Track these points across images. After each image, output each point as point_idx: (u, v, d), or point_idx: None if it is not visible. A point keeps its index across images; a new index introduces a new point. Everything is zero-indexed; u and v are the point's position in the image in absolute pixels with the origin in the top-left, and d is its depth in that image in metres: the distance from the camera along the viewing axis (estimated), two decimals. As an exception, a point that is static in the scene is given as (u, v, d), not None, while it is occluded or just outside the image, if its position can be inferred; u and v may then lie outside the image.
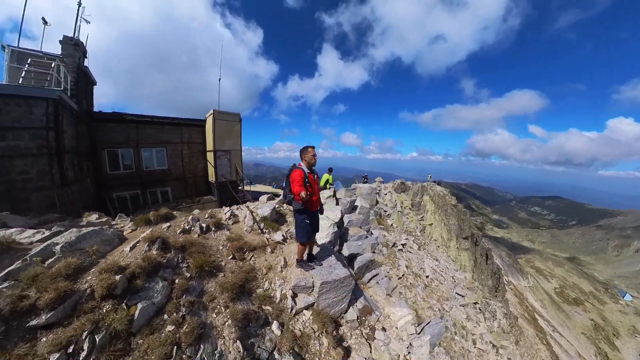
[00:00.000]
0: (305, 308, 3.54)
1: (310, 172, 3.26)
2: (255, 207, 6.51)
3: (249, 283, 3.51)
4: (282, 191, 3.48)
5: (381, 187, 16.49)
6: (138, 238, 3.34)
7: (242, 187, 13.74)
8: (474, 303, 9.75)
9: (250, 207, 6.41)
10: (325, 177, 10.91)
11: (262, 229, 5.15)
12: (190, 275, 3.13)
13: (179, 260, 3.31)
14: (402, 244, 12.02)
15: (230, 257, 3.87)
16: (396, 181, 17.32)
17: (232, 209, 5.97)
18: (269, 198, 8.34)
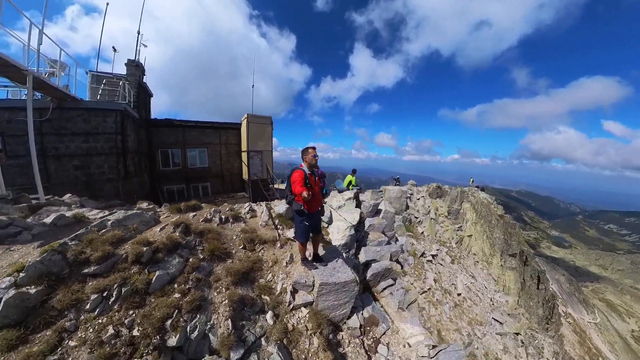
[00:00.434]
0: (303, 305, 3.58)
1: (311, 172, 3.30)
2: (274, 204, 7.07)
3: (254, 272, 3.77)
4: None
5: (413, 191, 15.61)
6: (168, 222, 4.16)
7: (272, 185, 14.76)
8: (515, 333, 8.54)
9: (268, 204, 7.00)
10: (349, 178, 10.91)
11: (276, 225, 5.55)
12: (202, 257, 3.67)
13: (196, 243, 3.96)
14: (433, 254, 11.25)
15: (241, 246, 4.24)
16: (431, 185, 16.18)
17: (251, 205, 6.60)
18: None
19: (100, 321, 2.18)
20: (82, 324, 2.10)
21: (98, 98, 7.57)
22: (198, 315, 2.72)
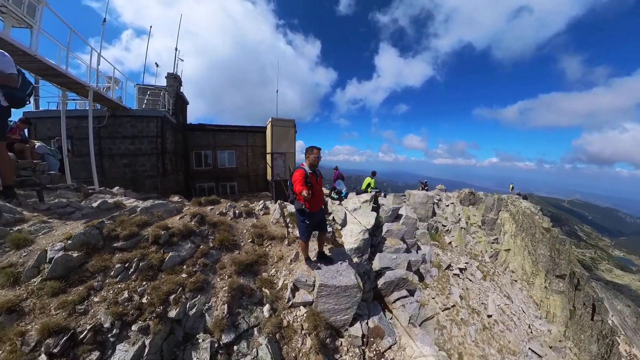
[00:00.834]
0: (302, 304, 3.62)
1: (312, 172, 3.40)
2: (288, 203, 7.43)
3: (258, 265, 3.97)
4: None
5: (442, 196, 14.67)
6: (187, 212, 4.78)
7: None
8: (558, 369, 7.49)
9: (282, 203, 7.40)
10: (367, 180, 10.71)
11: (287, 223, 5.81)
12: (212, 246, 4.05)
13: (209, 232, 4.44)
14: (460, 268, 10.44)
15: (250, 240, 4.51)
16: (463, 190, 15.00)
17: (265, 202, 7.05)
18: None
19: (119, 286, 2.70)
20: (105, 285, 2.64)
21: (143, 107, 9.11)
22: (199, 296, 3.06)
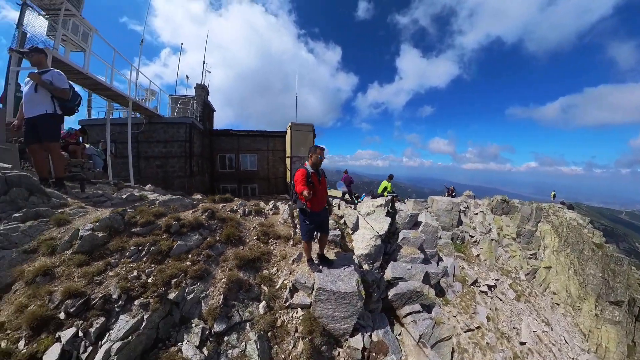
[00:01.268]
0: (300, 306, 3.57)
1: (315, 172, 3.45)
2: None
3: (260, 262, 4.07)
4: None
5: (469, 204, 13.63)
6: (200, 208, 5.29)
7: None
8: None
9: (291, 204, 7.65)
10: (384, 184, 10.38)
11: (295, 224, 5.97)
12: (218, 239, 4.30)
13: (217, 227, 4.81)
14: (489, 285, 9.54)
15: (255, 237, 4.70)
16: (495, 197, 13.76)
17: (276, 203, 7.37)
18: (328, 204, 9.25)
19: (131, 265, 3.13)
20: (120, 263, 3.09)
21: (175, 114, 10.36)
22: (198, 283, 3.28)
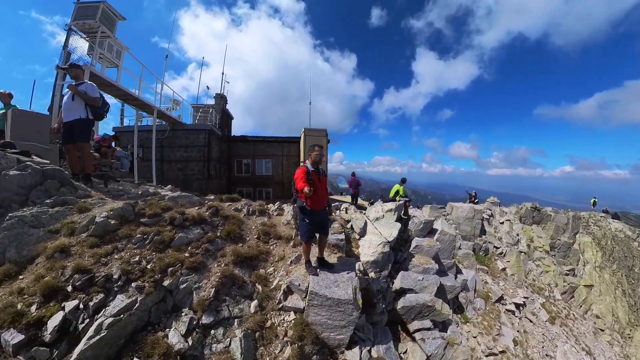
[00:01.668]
0: (293, 309, 3.45)
1: (315, 170, 3.49)
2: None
3: (257, 261, 4.11)
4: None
5: (494, 211, 12.61)
6: (206, 205, 5.63)
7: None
8: None
9: (295, 206, 7.74)
10: (396, 188, 9.78)
11: (297, 225, 6.16)
12: (219, 235, 4.44)
13: (219, 223, 5.02)
14: (517, 303, 8.65)
15: (256, 236, 4.79)
16: (523, 205, 12.56)
17: (281, 204, 7.51)
18: (336, 207, 9.18)
19: (135, 251, 3.45)
20: (126, 248, 3.42)
21: (196, 122, 11.32)
22: (193, 274, 3.43)
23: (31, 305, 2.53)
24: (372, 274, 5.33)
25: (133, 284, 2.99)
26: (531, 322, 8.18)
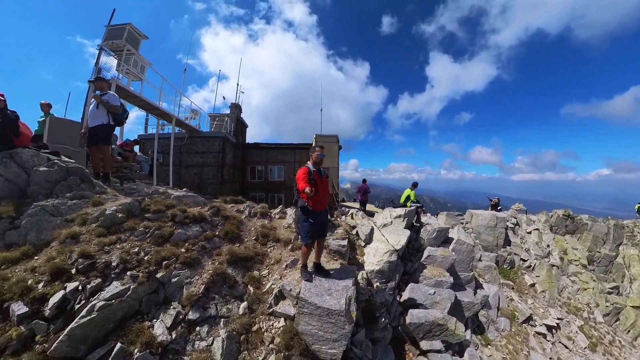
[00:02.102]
0: (283, 316, 3.28)
1: (316, 170, 3.45)
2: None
3: (252, 262, 4.10)
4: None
5: (519, 219, 11.60)
6: (209, 205, 5.91)
7: (336, 200, 15.57)
8: None
9: (298, 210, 7.77)
10: (407, 192, 9.17)
11: (298, 229, 6.17)
12: (217, 234, 4.56)
13: (218, 223, 5.16)
14: (549, 325, 7.70)
15: (254, 238, 4.81)
16: (554, 212, 11.37)
17: (285, 208, 7.54)
18: (342, 212, 9.07)
19: (136, 243, 3.71)
20: (128, 240, 3.69)
21: (212, 130, 12.12)
22: (186, 269, 3.54)
23: (39, 282, 2.83)
24: (377, 284, 5.00)
25: (128, 273, 3.18)
26: (567, 348, 7.21)
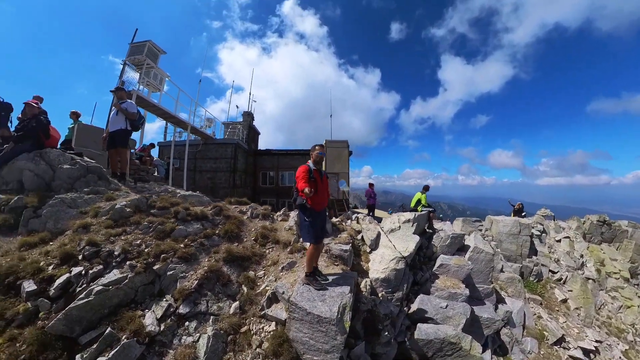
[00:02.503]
0: (275, 320, 3.15)
1: (316, 169, 3.42)
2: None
3: (249, 262, 4.10)
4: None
5: (547, 226, 10.54)
6: (213, 205, 6.16)
7: (346, 205, 15.38)
8: None
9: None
10: (417, 196, 8.72)
11: (300, 233, 6.12)
12: (217, 232, 4.69)
13: (219, 222, 5.28)
14: (586, 348, 6.70)
15: (254, 238, 4.85)
16: (587, 217, 10.24)
17: (288, 210, 7.57)
18: (347, 217, 8.91)
19: (139, 236, 3.97)
20: (133, 232, 3.96)
21: (225, 137, 12.86)
22: (182, 263, 3.67)
23: (50, 264, 3.15)
24: (381, 294, 4.70)
25: (128, 262, 3.41)
26: (605, 375, 6.28)
